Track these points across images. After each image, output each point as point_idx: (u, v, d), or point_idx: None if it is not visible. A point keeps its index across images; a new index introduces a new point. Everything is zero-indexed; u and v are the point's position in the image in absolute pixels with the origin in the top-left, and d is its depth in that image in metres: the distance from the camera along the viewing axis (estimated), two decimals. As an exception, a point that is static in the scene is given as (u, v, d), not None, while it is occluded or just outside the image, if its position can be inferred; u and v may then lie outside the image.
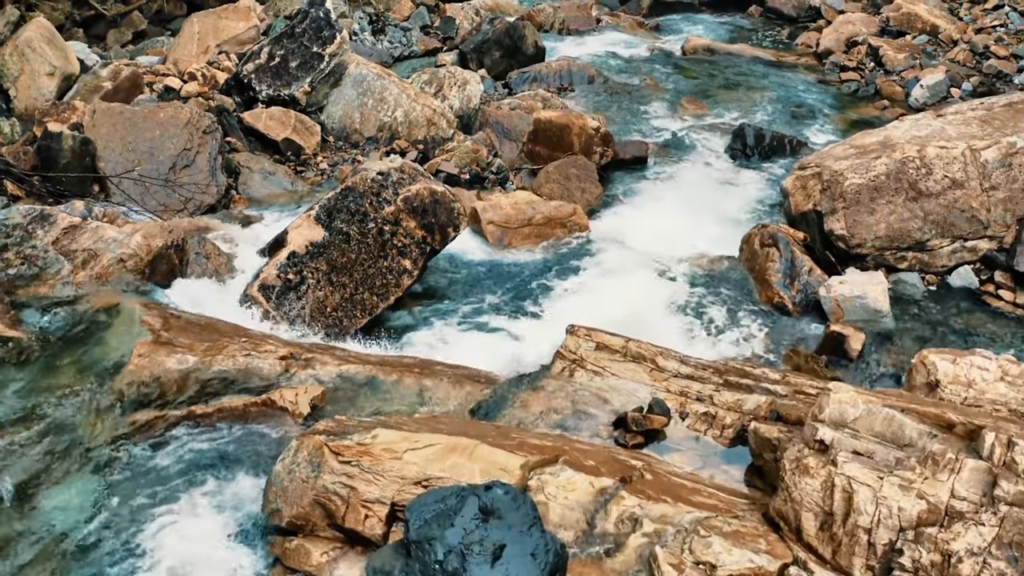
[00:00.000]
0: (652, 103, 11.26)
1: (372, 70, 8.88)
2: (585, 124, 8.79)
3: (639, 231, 7.86)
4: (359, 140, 8.76)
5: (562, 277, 6.95)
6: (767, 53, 13.24)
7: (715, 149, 9.94)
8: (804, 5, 15.52)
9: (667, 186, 8.96)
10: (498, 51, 11.95)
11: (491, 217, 7.47)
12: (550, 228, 7.56)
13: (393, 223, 6.28)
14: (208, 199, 7.31)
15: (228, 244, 6.26)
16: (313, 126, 8.53)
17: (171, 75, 8.97)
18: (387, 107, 8.79)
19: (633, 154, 9.33)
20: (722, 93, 11.79)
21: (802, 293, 6.68)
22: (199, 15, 9.51)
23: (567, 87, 11.53)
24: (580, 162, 8.52)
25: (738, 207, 8.54)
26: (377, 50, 10.84)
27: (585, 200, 8.29)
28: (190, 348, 4.32)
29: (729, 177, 9.25)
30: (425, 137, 8.85)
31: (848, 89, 11.94)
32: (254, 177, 7.88)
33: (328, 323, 5.77)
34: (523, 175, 8.81)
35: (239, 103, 8.66)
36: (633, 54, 13.38)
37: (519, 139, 9.75)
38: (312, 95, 8.63)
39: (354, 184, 6.27)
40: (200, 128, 7.51)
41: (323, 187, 8.06)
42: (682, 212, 8.31)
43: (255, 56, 8.69)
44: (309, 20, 8.70)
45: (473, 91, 9.67)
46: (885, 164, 6.95)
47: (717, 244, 7.71)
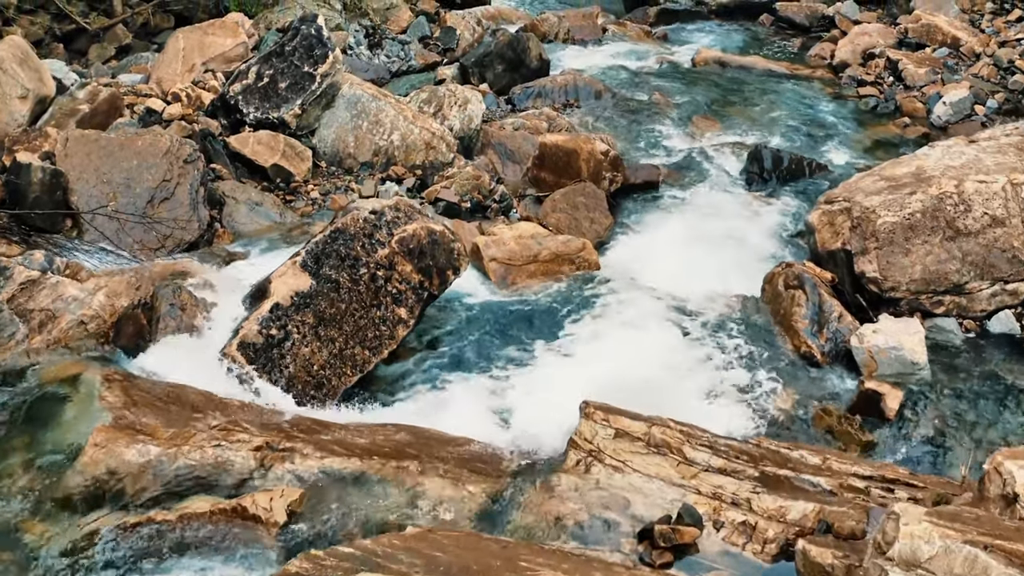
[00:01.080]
0: (662, 120, 10.73)
1: (367, 91, 8.35)
2: (594, 149, 8.25)
3: (652, 267, 7.32)
4: (353, 165, 8.23)
5: (571, 322, 6.42)
6: (781, 66, 12.70)
7: (730, 172, 9.40)
8: (817, 14, 14.97)
9: (680, 214, 8.43)
10: (500, 65, 11.42)
11: (494, 254, 6.94)
12: (557, 265, 7.04)
13: (387, 267, 5.75)
14: (189, 235, 6.79)
15: (207, 291, 5.73)
16: (304, 151, 8.00)
17: (154, 95, 8.43)
18: (383, 130, 8.26)
19: (644, 179, 8.81)
20: (735, 109, 11.25)
21: (831, 342, 6.16)
22: (184, 31, 8.97)
23: (573, 103, 11.00)
24: (589, 190, 7.99)
25: (757, 238, 8.01)
26: (374, 65, 10.31)
27: (594, 231, 7.77)
28: (153, 434, 3.80)
29: (746, 204, 8.72)
30: (423, 162, 8.32)
31: (866, 105, 11.40)
32: (240, 208, 7.35)
33: (315, 383, 5.24)
34: (528, 202, 8.28)
35: (225, 126, 8.13)
36: (641, 66, 12.84)
37: (523, 161, 9.23)
38: (303, 118, 8.10)
39: (344, 225, 5.74)
40: (181, 157, 6.98)
41: (314, 218, 7.54)
42: (697, 244, 7.78)
43: (242, 76, 8.16)
44: (300, 38, 8.17)
45: (475, 111, 9.13)
46: (921, 201, 6.42)
47: (737, 281, 7.18)
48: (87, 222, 6.51)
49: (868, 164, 9.71)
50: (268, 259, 6.90)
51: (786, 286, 6.55)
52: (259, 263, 6.78)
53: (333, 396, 5.29)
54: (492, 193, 8.11)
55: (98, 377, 4.15)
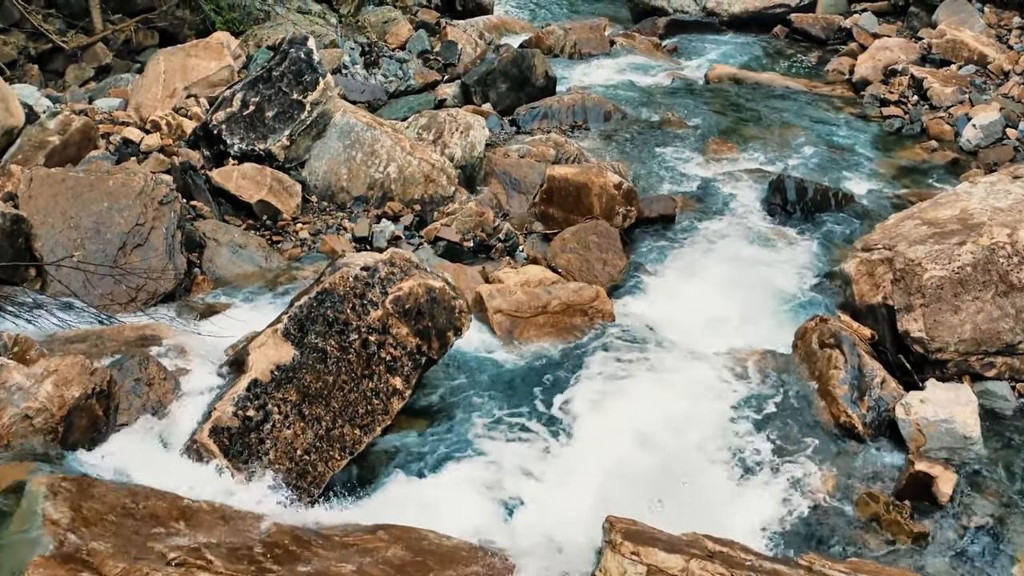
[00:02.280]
0: (676, 144, 10.12)
1: (361, 119, 7.74)
2: (606, 183, 7.64)
3: (671, 318, 6.72)
4: (346, 200, 7.62)
5: (585, 387, 5.81)
6: (799, 83, 12.09)
7: (750, 203, 8.79)
8: (833, 26, 14.39)
9: (699, 252, 7.82)
10: (504, 83, 10.82)
11: (499, 305, 6.33)
12: (569, 317, 6.43)
13: (381, 331, 5.14)
14: (164, 285, 6.18)
15: (179, 358, 5.13)
16: (292, 185, 7.39)
17: (131, 123, 7.83)
18: (378, 162, 7.65)
19: (660, 212, 8.20)
20: (752, 131, 10.64)
21: (874, 411, 5.55)
22: (165, 52, 8.35)
23: (581, 124, 10.41)
24: (601, 228, 7.38)
25: (784, 280, 7.40)
26: (370, 85, 9.70)
27: (607, 274, 7.16)
28: (100, 568, 3.19)
29: (769, 239, 8.10)
30: (422, 196, 7.71)
31: (891, 127, 10.79)
32: (221, 252, 6.75)
33: (298, 471, 4.63)
34: (534, 240, 7.67)
35: (208, 158, 7.52)
36: (652, 83, 12.24)
37: (529, 192, 8.63)
38: (291, 149, 7.49)
39: (333, 285, 5.13)
40: (156, 198, 6.38)
41: (303, 261, 6.93)
42: (719, 289, 7.17)
43: (226, 103, 7.55)
44: (288, 62, 7.55)
45: (477, 137, 8.53)
46: (971, 252, 5.81)
47: (765, 334, 6.58)
48: (51, 273, 5.90)
49: (896, 193, 9.13)
50: (251, 310, 6.31)
51: (821, 344, 5.94)
52: (241, 315, 6.18)
53: (319, 485, 4.68)
54: (496, 231, 7.50)
55: (43, 488, 3.54)
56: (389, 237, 7.14)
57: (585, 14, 17.88)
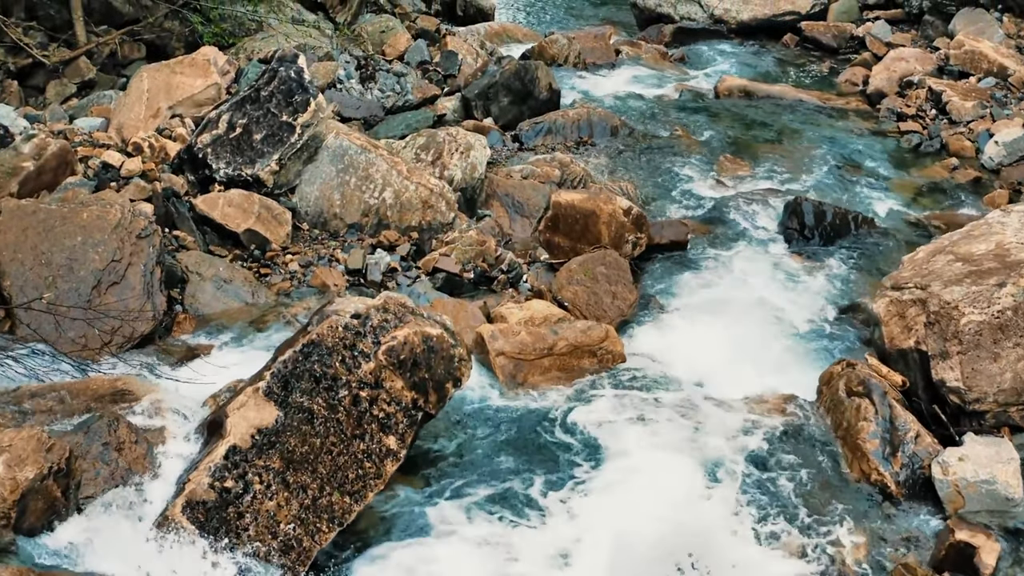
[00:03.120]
0: (685, 161, 9.69)
1: (355, 141, 7.31)
2: (615, 210, 7.21)
3: (685, 357, 6.29)
4: (339, 227, 7.19)
5: (595, 439, 5.38)
6: (812, 95, 11.64)
7: (765, 226, 8.37)
8: (845, 34, 13.93)
9: (713, 283, 7.39)
10: (507, 97, 10.39)
11: (502, 347, 5.91)
12: (576, 359, 6.00)
13: (373, 386, 4.72)
14: (141, 327, 5.76)
15: (154, 416, 4.72)
16: (282, 213, 6.97)
17: (112, 146, 7.40)
18: (373, 187, 7.23)
19: (671, 238, 7.77)
20: (765, 148, 10.20)
21: (908, 469, 5.12)
22: (149, 69, 7.91)
23: (586, 140, 9.97)
24: (610, 259, 6.95)
25: (804, 314, 6.97)
26: (366, 101, 9.27)
27: (617, 308, 6.73)
28: None
29: (787, 268, 7.68)
30: (420, 223, 7.29)
31: (909, 143, 10.35)
32: (205, 287, 6.32)
33: (281, 547, 4.21)
34: (539, 270, 7.25)
35: (192, 183, 7.09)
36: (659, 95, 11.79)
37: (533, 215, 8.20)
38: (281, 174, 7.07)
39: (320, 337, 4.71)
40: (133, 232, 5.95)
41: (292, 297, 6.50)
42: (735, 324, 6.74)
43: (212, 125, 7.12)
44: (277, 81, 7.12)
45: (478, 158, 8.10)
46: (1012, 295, 5.38)
47: (785, 376, 6.16)
48: (20, 316, 5.48)
49: (918, 216, 8.72)
50: (236, 353, 5.90)
51: (849, 392, 5.51)
52: (225, 359, 5.77)
53: (304, 563, 4.26)
54: (499, 261, 7.07)
55: (-14, 588, 3.14)
56: (384, 269, 6.72)
57: (588, 19, 17.45)
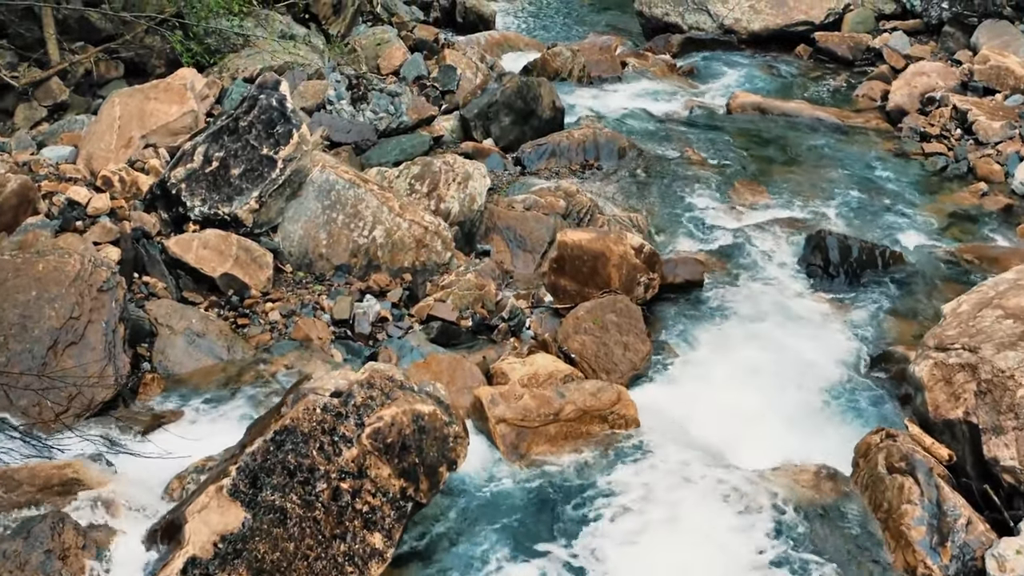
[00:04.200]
0: (698, 187, 9.10)
1: (343, 175, 6.72)
2: (626, 251, 6.62)
3: (704, 420, 5.71)
4: (325, 269, 6.61)
5: (607, 519, 4.80)
6: (829, 113, 11.05)
7: (786, 262, 7.79)
8: (861, 46, 13.36)
9: (732, 329, 6.80)
10: (508, 116, 9.81)
11: (503, 413, 5.32)
12: (585, 425, 5.42)
13: (356, 475, 4.14)
14: (101, 394, 5.17)
15: (106, 512, 4.13)
16: (263, 256, 6.38)
17: (80, 179, 6.82)
18: (363, 224, 6.64)
19: (685, 277, 7.19)
20: (781, 171, 9.62)
21: (959, 561, 4.54)
22: (122, 95, 7.31)
23: (592, 163, 9.39)
24: (621, 306, 6.36)
25: (832, 366, 6.39)
26: (357, 124, 8.68)
27: (628, 361, 6.15)
28: None
29: (811, 310, 7.09)
30: (413, 263, 6.71)
31: (934, 166, 9.76)
32: (176, 342, 5.74)
33: None
34: (543, 315, 6.66)
35: (166, 221, 6.51)
36: (668, 111, 11.21)
37: (536, 249, 7.63)
38: (261, 213, 6.48)
39: (295, 422, 4.12)
40: (94, 285, 5.37)
41: (272, 351, 5.91)
42: (758, 378, 6.17)
43: (186, 158, 6.54)
44: (257, 110, 6.53)
45: (477, 188, 7.52)
46: (1076, 363, 4.80)
47: (814, 441, 5.58)
48: (-38, 383, 4.90)
49: (948, 249, 8.13)
50: (208, 421, 5.32)
51: (890, 469, 4.93)
52: (196, 429, 5.19)
53: None
54: (499, 307, 6.49)
55: None
56: (374, 319, 6.14)
57: (592, 25, 16.86)
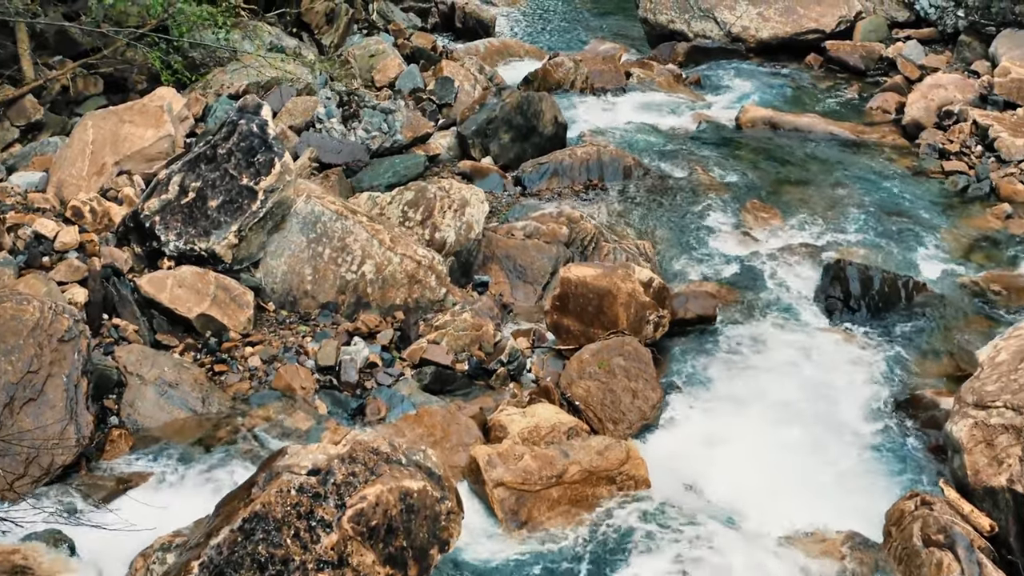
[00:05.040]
0: (708, 208, 8.64)
1: (329, 206, 6.25)
2: (635, 289, 6.15)
3: (720, 477, 5.25)
4: (311, 307, 6.15)
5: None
6: (843, 128, 10.57)
7: (803, 294, 7.32)
8: (874, 55, 12.88)
9: (747, 368, 6.34)
10: (508, 133, 9.34)
11: (501, 475, 4.86)
12: (591, 487, 4.96)
13: (336, 564, 3.69)
14: (62, 456, 4.72)
15: (53, 606, 3.67)
16: (242, 294, 5.92)
17: (49, 209, 6.36)
18: (351, 259, 6.18)
19: (697, 312, 6.73)
20: (795, 191, 9.15)
21: (1009, 651, 4.09)
22: (95, 117, 6.84)
23: (596, 183, 8.92)
24: (629, 349, 5.90)
25: (856, 413, 5.93)
26: (348, 144, 8.21)
27: (637, 410, 5.69)
28: None
29: (831, 349, 6.63)
30: (406, 300, 6.24)
31: (954, 186, 9.29)
32: (146, 394, 5.28)
33: None
34: (545, 357, 6.20)
35: (139, 256, 6.05)
36: (676, 126, 10.72)
37: (537, 280, 7.19)
38: (241, 247, 6.02)
39: (267, 506, 3.66)
40: (55, 335, 4.91)
41: (251, 402, 5.45)
42: (776, 429, 5.71)
43: (161, 188, 6.07)
44: (237, 136, 6.07)
45: (474, 215, 7.06)
46: None
47: (840, 502, 5.13)
48: (-96, 448, 4.44)
49: (974, 279, 7.67)
50: (177, 486, 4.85)
51: (926, 541, 4.47)
52: (164, 494, 4.74)
53: None
54: (498, 349, 6.02)
55: None
56: (362, 364, 5.67)
57: (594, 30, 16.42)
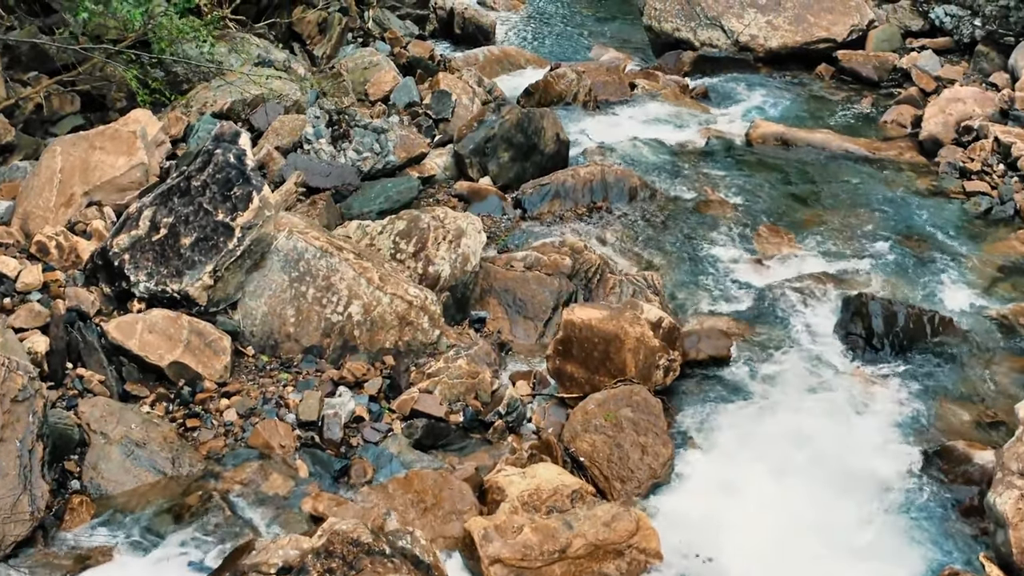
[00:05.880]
0: (718, 233, 8.18)
1: (313, 242, 5.78)
2: (644, 333, 5.68)
3: (739, 546, 4.78)
4: (293, 352, 5.69)
5: None
6: (858, 144, 10.10)
7: (822, 329, 6.86)
8: (887, 65, 12.41)
9: (764, 419, 5.86)
10: (507, 152, 8.88)
11: (498, 551, 4.39)
12: (597, 563, 4.49)
13: None
14: (15, 530, 4.25)
15: None
16: (218, 339, 5.45)
17: (12, 244, 5.90)
18: (337, 299, 5.72)
19: (709, 353, 6.27)
20: (810, 215, 8.69)
21: None
22: (64, 143, 6.35)
23: (600, 206, 8.46)
24: (638, 399, 5.44)
25: (885, 471, 5.45)
26: (338, 167, 7.74)
27: (647, 468, 5.22)
28: None
29: (854, 392, 6.16)
30: (396, 344, 5.78)
31: (977, 207, 8.82)
32: (111, 455, 4.82)
33: None
34: (546, 406, 5.74)
35: (108, 297, 5.58)
36: (682, 141, 10.24)
37: (539, 316, 6.74)
38: (217, 289, 5.55)
39: (230, 616, 3.19)
40: (7, 394, 4.44)
41: (225, 462, 4.97)
42: (798, 488, 5.25)
43: (131, 223, 5.61)
44: (213, 168, 5.60)
45: (471, 247, 6.60)
46: None
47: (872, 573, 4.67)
48: None
49: (1002, 312, 7.21)
50: (142, 562, 4.39)
51: (973, 631, 4.01)
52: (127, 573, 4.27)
53: None
54: (496, 399, 5.56)
55: None
56: (347, 419, 5.21)
57: (595, 36, 15.92)
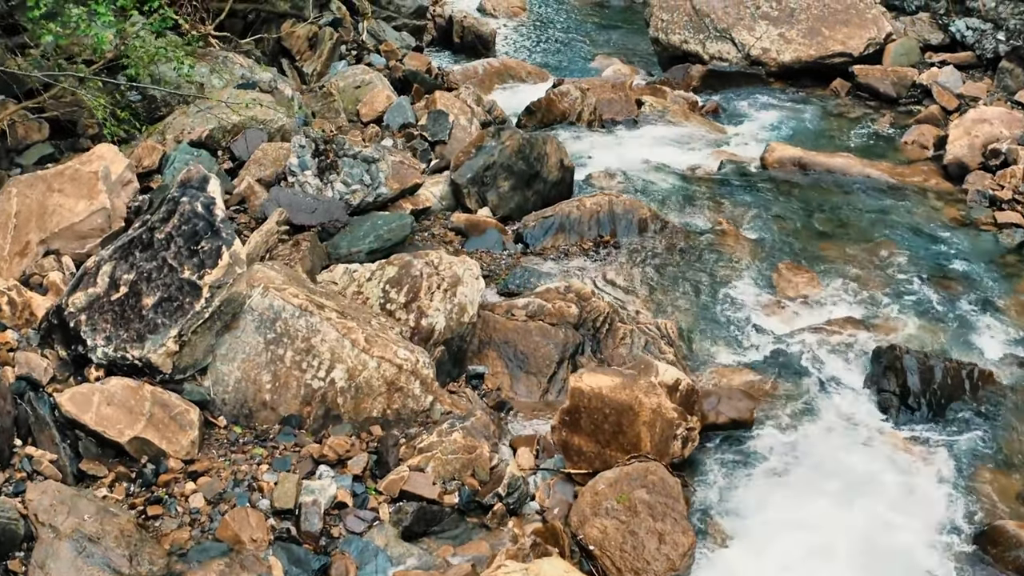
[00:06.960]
0: (735, 272, 7.60)
1: (291, 300, 5.20)
2: (660, 404, 5.09)
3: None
4: (269, 422, 5.11)
5: None
6: (880, 169, 9.52)
7: (850, 385, 6.29)
8: (906, 81, 11.81)
9: (792, 493, 5.28)
10: (507, 180, 8.31)
11: (497, 676, 3.82)
12: None
13: None
14: (-69, 658, 3.67)
15: None
16: (184, 412, 4.87)
17: (-42, 299, 5.31)
18: (318, 363, 5.13)
19: (731, 416, 5.70)
20: (832, 250, 8.10)
21: None
22: (21, 184, 5.74)
23: (607, 240, 7.88)
24: (654, 478, 4.85)
25: (926, 556, 4.91)
26: (324, 201, 7.15)
27: (665, 559, 4.65)
28: None
29: (891, 460, 5.59)
30: (384, 412, 5.20)
31: (1010, 240, 8.26)
32: (60, 552, 4.24)
33: None
34: (551, 483, 5.15)
35: (64, 362, 5.00)
36: (694, 166, 9.63)
37: (542, 370, 6.19)
38: (184, 354, 4.96)
39: None
40: (-69, 494, 3.86)
41: (189, 558, 4.39)
42: None
43: (89, 279, 5.02)
44: (178, 218, 5.01)
45: (468, 296, 6.03)
46: None
47: None
48: None
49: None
50: None
51: None
52: None
53: None
54: (495, 477, 4.97)
55: None
56: (328, 505, 4.63)
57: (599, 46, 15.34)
